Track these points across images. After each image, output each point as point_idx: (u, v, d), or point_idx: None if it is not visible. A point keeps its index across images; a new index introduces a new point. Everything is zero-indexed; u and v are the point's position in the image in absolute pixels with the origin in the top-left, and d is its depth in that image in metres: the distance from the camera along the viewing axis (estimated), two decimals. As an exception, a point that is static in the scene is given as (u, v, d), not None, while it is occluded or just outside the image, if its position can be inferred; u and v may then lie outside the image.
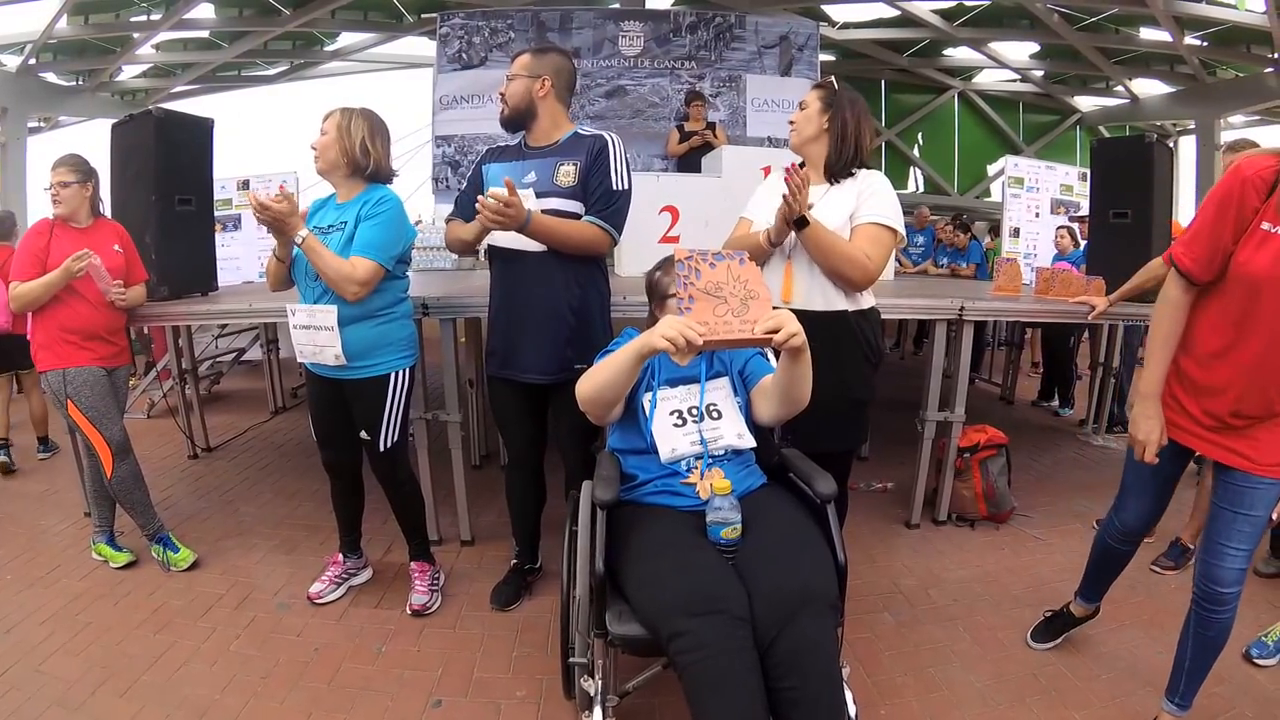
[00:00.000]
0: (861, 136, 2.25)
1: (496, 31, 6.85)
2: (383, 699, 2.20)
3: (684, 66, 6.97)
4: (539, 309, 2.41)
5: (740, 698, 1.42)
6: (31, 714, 2.15)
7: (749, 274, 1.57)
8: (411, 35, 11.07)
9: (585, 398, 1.80)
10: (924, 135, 13.37)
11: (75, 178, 2.89)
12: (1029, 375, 6.68)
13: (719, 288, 1.55)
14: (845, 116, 2.23)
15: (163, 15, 9.06)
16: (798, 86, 6.90)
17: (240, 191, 4.87)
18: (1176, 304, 1.79)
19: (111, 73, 11.01)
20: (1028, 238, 5.65)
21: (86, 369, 2.85)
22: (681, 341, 1.50)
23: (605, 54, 6.93)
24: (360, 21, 10.58)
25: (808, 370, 1.68)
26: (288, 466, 4.44)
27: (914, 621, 2.61)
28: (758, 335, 1.54)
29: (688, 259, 1.55)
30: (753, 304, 1.56)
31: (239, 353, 6.72)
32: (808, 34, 7.09)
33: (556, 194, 2.35)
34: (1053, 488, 3.92)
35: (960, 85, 12.96)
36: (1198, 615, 1.86)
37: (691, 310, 1.53)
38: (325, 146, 2.37)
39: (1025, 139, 13.38)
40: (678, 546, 1.65)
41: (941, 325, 3.19)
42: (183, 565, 2.99)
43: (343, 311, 2.33)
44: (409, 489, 2.71)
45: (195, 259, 3.65)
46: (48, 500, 3.88)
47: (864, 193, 2.21)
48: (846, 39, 11.02)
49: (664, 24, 7.00)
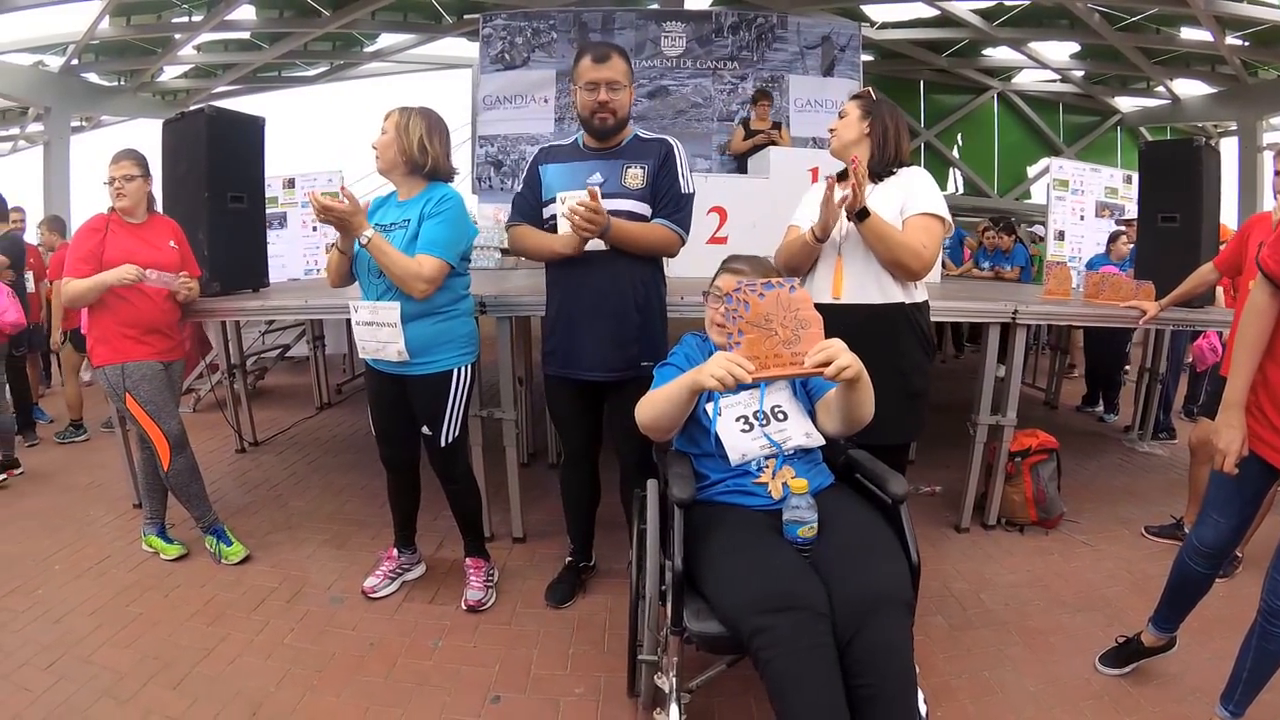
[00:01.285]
0: (900, 138, 2.35)
1: (539, 32, 6.90)
2: (440, 694, 2.20)
3: (726, 67, 6.98)
4: (606, 308, 2.41)
5: (823, 692, 1.43)
6: (81, 705, 2.17)
7: (800, 302, 1.57)
8: (450, 36, 11.15)
9: (644, 424, 1.82)
10: (963, 136, 13.25)
11: (139, 171, 2.93)
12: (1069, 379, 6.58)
13: (768, 319, 1.54)
14: (885, 120, 2.33)
15: (204, 16, 9.21)
16: (840, 87, 6.90)
17: (286, 190, 4.95)
18: (1263, 310, 1.74)
19: (153, 73, 11.21)
20: (1073, 241, 5.57)
21: (145, 363, 2.89)
22: (730, 381, 1.52)
23: (647, 54, 6.96)
24: (400, 23, 10.67)
25: (867, 395, 1.67)
26: (334, 462, 4.47)
27: (966, 625, 2.58)
28: (808, 369, 1.54)
29: (736, 291, 1.56)
30: (804, 334, 1.56)
31: (284, 349, 6.81)
32: (849, 34, 7.07)
33: (626, 195, 2.36)
34: (1098, 494, 3.86)
35: (1000, 86, 12.83)
36: (1263, 629, 1.82)
37: (741, 344, 1.53)
38: (385, 145, 2.38)
39: (1065, 140, 13.21)
40: (756, 545, 1.65)
41: (994, 328, 3.15)
42: (235, 559, 3.02)
43: (406, 308, 2.34)
44: (467, 485, 2.72)
45: (247, 255, 3.70)
46: (93, 492, 3.94)
47: (909, 187, 2.29)
48: (885, 39, 10.95)
49: (705, 24, 7.01)
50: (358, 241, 2.28)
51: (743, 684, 2.12)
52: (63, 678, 2.29)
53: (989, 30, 10.24)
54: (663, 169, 2.37)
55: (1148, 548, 3.20)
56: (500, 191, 6.84)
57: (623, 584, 2.73)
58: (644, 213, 2.38)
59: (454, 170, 2.51)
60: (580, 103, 2.38)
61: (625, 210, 2.35)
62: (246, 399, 4.88)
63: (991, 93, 12.91)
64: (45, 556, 3.14)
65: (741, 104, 7.01)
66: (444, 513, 2.82)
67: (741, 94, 7.04)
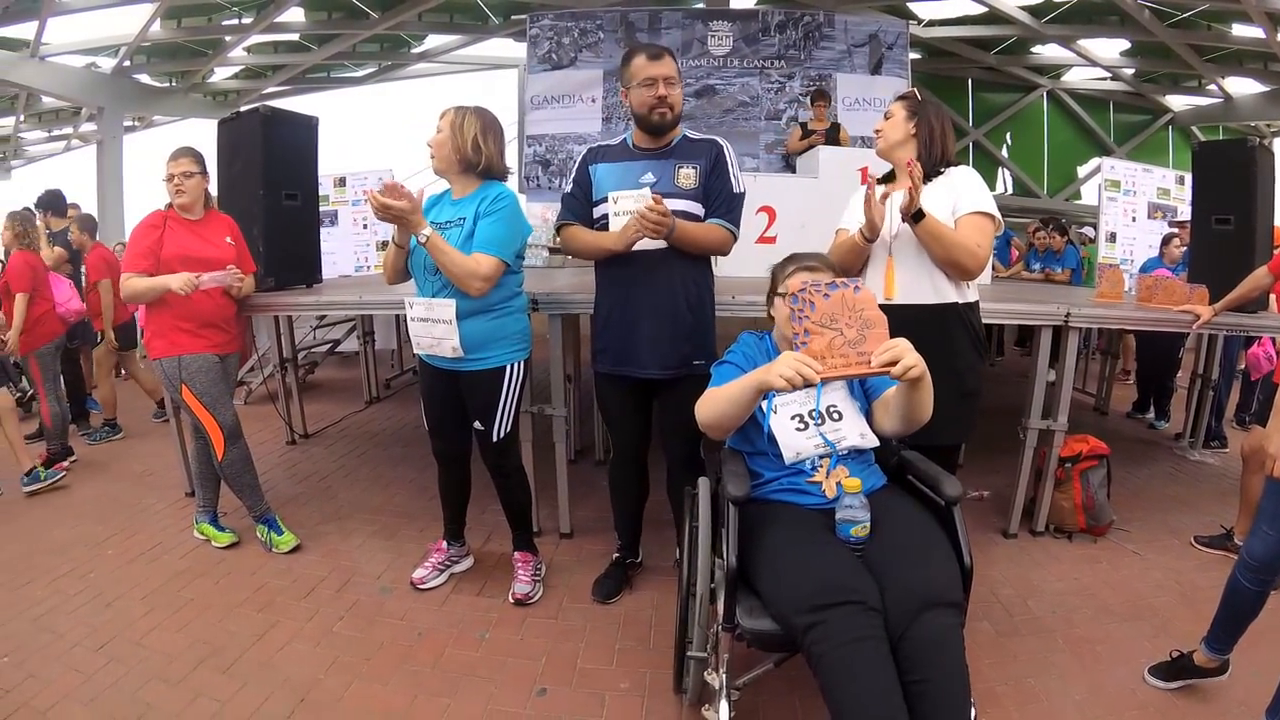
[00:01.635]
0: (946, 138, 2.37)
1: (586, 32, 6.95)
2: (487, 685, 2.23)
3: (773, 66, 6.96)
4: (659, 307, 2.43)
5: (877, 684, 1.43)
6: (131, 687, 2.23)
7: (864, 302, 1.57)
8: (497, 37, 11.21)
9: (705, 422, 1.83)
10: (1012, 135, 12.99)
11: (197, 168, 3.01)
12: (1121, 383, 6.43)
13: (834, 319, 1.55)
14: (930, 120, 2.35)
15: (254, 19, 9.40)
16: (888, 85, 6.84)
17: (337, 188, 5.05)
18: None
19: (204, 74, 11.48)
20: (1124, 242, 5.45)
21: (201, 355, 2.97)
22: (800, 381, 1.52)
23: (694, 54, 6.97)
24: (446, 24, 10.77)
25: (928, 395, 1.68)
26: (383, 455, 4.54)
27: (1012, 631, 2.55)
28: (874, 369, 1.55)
29: (801, 292, 1.57)
30: (869, 334, 1.56)
31: (334, 343, 6.94)
32: (897, 32, 7.01)
33: (679, 195, 2.38)
34: (1148, 502, 3.78)
35: (1049, 84, 12.56)
36: None
37: (808, 344, 1.54)
38: (439, 144, 2.42)
39: (1116, 139, 12.88)
40: (809, 543, 1.66)
41: (1046, 331, 3.10)
42: (285, 548, 3.09)
43: (461, 305, 2.37)
44: (517, 479, 2.74)
45: (300, 252, 3.77)
46: (147, 480, 4.05)
47: (958, 186, 2.30)
48: (933, 37, 10.78)
49: (752, 23, 7.00)
50: (415, 239, 2.32)
51: (789, 684, 2.13)
52: (113, 660, 2.36)
53: (1037, 27, 10.04)
54: (714, 170, 2.40)
55: (1197, 558, 3.13)
56: (548, 190, 6.92)
57: (669, 581, 2.75)
58: (697, 212, 2.41)
59: (508, 169, 2.54)
60: (638, 100, 2.39)
61: (680, 210, 2.36)
62: (298, 392, 4.97)
63: (1040, 91, 12.63)
64: (98, 542, 3.24)
65: (789, 103, 6.99)
66: (492, 506, 2.85)
67: (789, 93, 7.02)
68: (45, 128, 14.76)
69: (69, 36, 9.74)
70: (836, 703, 1.44)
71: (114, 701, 2.16)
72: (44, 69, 9.84)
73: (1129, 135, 12.99)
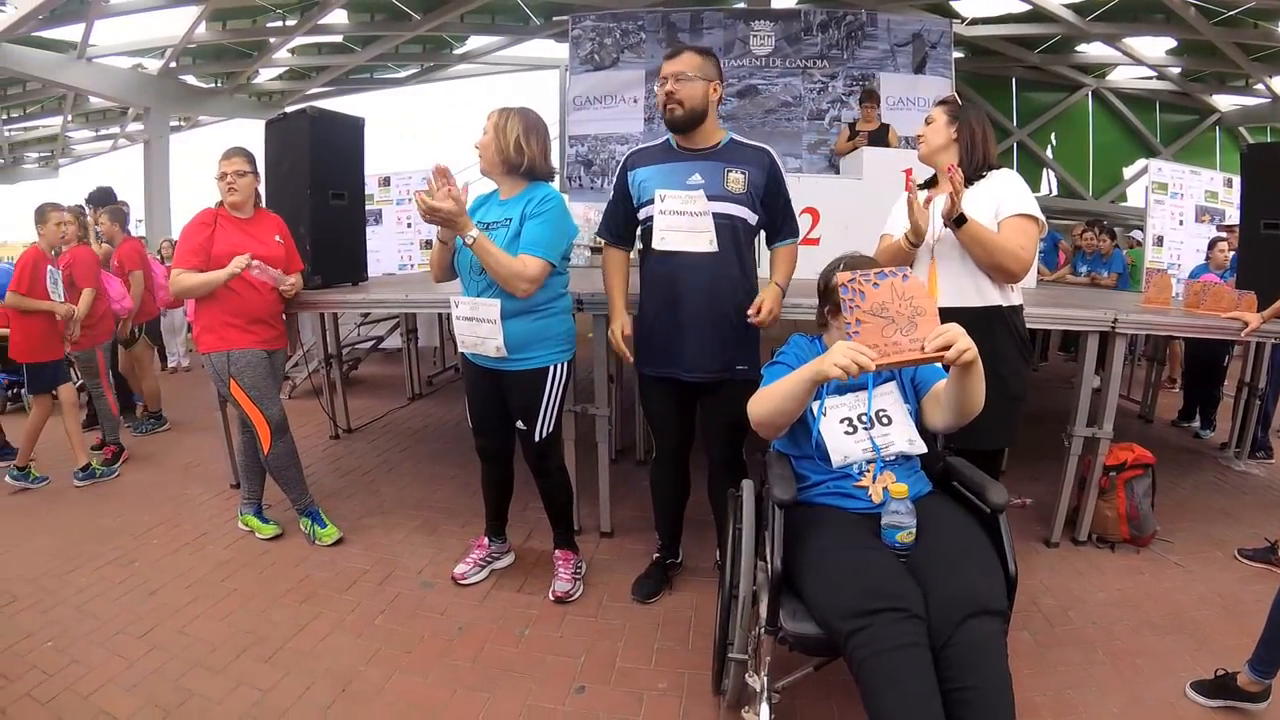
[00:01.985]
0: (988, 142, 2.38)
1: (628, 33, 6.97)
2: (526, 681, 2.26)
3: (816, 65, 6.91)
4: (706, 311, 2.43)
5: (918, 691, 1.43)
6: (174, 674, 2.28)
7: (913, 290, 1.58)
8: (538, 37, 11.32)
9: (758, 420, 1.83)
10: (1056, 135, 12.76)
11: (249, 168, 3.07)
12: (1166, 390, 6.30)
13: (884, 308, 1.56)
14: (972, 124, 2.36)
15: (297, 20, 9.58)
16: (931, 85, 6.78)
17: (381, 188, 5.13)
18: None
19: (249, 75, 11.73)
20: (1171, 246, 5.33)
21: (250, 350, 3.03)
22: (855, 369, 1.53)
23: (736, 54, 6.94)
24: (488, 25, 10.89)
25: (980, 382, 1.67)
26: (425, 451, 4.61)
27: (1053, 642, 2.52)
28: (929, 354, 1.55)
29: (850, 282, 1.57)
30: (920, 321, 1.56)
31: (378, 340, 7.05)
32: (940, 31, 6.92)
33: (728, 199, 2.39)
34: (1193, 513, 3.70)
35: (1094, 83, 12.33)
36: None
37: (860, 334, 1.54)
38: (485, 146, 2.44)
39: (1162, 140, 12.62)
40: (854, 547, 1.66)
41: (1093, 337, 3.05)
42: (328, 540, 3.15)
43: (505, 305, 2.40)
44: (559, 479, 2.76)
45: (347, 250, 3.84)
46: (193, 472, 4.15)
47: (1000, 189, 2.31)
48: (976, 35, 10.64)
49: (794, 23, 6.96)
50: (461, 240, 2.35)
51: (826, 688, 2.12)
52: (156, 647, 2.42)
53: (1082, 25, 9.87)
54: (771, 182, 2.43)
55: (1241, 571, 3.06)
56: (590, 190, 6.95)
57: (709, 582, 2.74)
58: (746, 217, 2.41)
59: (554, 170, 2.55)
60: (657, 100, 2.44)
61: (729, 214, 2.38)
62: (342, 388, 5.06)
63: (1085, 90, 12.40)
64: (144, 531, 3.33)
65: (831, 102, 6.94)
66: (534, 504, 2.88)
67: (831, 92, 6.98)
68: (93, 127, 15.21)
69: (116, 39, 10.00)
70: (876, 708, 1.44)
71: (156, 687, 2.22)
72: (91, 70, 10.12)
73: (1176, 136, 12.70)
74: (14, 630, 2.53)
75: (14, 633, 2.51)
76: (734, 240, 2.42)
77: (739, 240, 2.43)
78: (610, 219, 2.62)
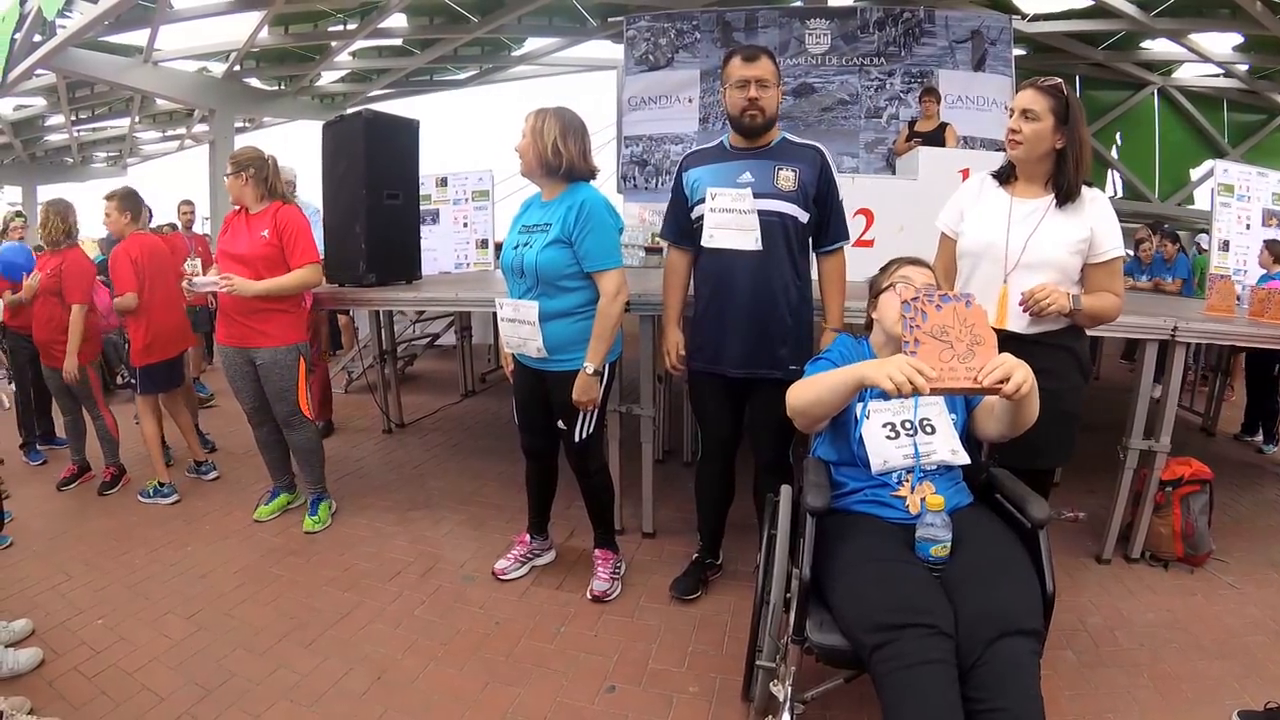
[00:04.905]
0: (1089, 150, 2.07)
1: (682, 33, 6.98)
2: (558, 678, 2.29)
3: (873, 63, 6.82)
4: (758, 308, 2.43)
5: (938, 710, 1.40)
6: (217, 654, 2.38)
7: (975, 317, 1.55)
8: (595, 39, 11.32)
9: (796, 409, 1.82)
10: (1122, 135, 12.27)
11: (230, 169, 3.16)
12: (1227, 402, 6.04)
13: (945, 331, 1.54)
14: (1080, 133, 2.03)
15: (358, 25, 9.76)
16: (991, 83, 6.66)
17: (439, 188, 5.24)
18: None
19: (311, 78, 12.03)
20: (1238, 252, 5.10)
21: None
22: (909, 387, 1.50)
23: (792, 52, 6.90)
24: (545, 26, 10.93)
25: (1035, 403, 1.65)
26: (476, 447, 4.68)
27: (1097, 663, 2.45)
28: (985, 385, 1.52)
29: (914, 300, 1.56)
30: (979, 350, 1.54)
31: (433, 337, 7.19)
32: (1000, 27, 6.76)
33: (778, 196, 2.39)
34: (1251, 532, 3.55)
35: (1160, 81, 11.79)
36: None
37: (917, 354, 1.53)
38: (524, 150, 2.45)
39: (1230, 140, 12.01)
40: (885, 559, 1.63)
41: (1152, 346, 2.94)
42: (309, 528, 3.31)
43: (544, 307, 2.43)
44: (600, 480, 2.78)
45: (401, 249, 3.91)
46: (248, 461, 4.21)
47: (1094, 219, 2.08)
48: (1037, 32, 10.31)
49: (850, 21, 6.88)
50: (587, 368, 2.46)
51: (858, 700, 2.10)
52: (202, 628, 2.52)
53: (1146, 21, 9.48)
54: (821, 179, 2.41)
55: (1296, 596, 2.93)
56: (645, 190, 6.99)
57: (748, 587, 2.71)
58: (798, 215, 2.41)
59: (594, 169, 2.53)
60: (730, 101, 2.41)
61: (778, 211, 2.38)
62: (396, 384, 5.17)
63: (1151, 89, 11.88)
64: (197, 517, 3.47)
65: (889, 100, 6.85)
66: (577, 502, 2.90)
67: (889, 90, 6.88)
68: (159, 128, 15.78)
69: (181, 43, 10.34)
70: None
71: (199, 667, 2.31)
72: (157, 73, 10.48)
73: (1244, 136, 12.10)
74: (67, 607, 2.66)
75: (66, 609, 2.64)
76: (784, 238, 2.42)
77: (790, 238, 2.42)
78: (670, 220, 2.65)
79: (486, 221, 5.31)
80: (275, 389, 3.20)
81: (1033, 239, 2.09)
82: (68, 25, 7.97)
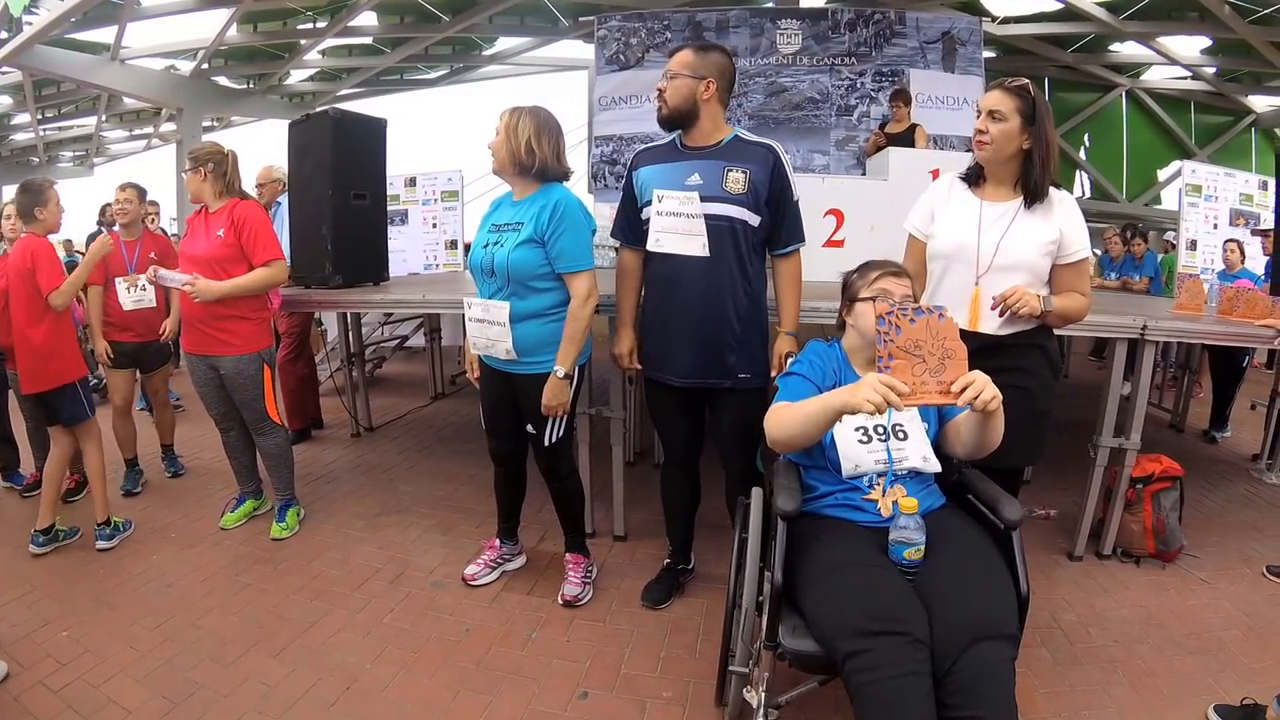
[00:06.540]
0: (1055, 152, 2.07)
1: (654, 33, 6.94)
2: (530, 685, 2.25)
3: (844, 63, 6.84)
4: (703, 315, 2.36)
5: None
6: (184, 666, 2.31)
7: (947, 331, 1.56)
8: (567, 38, 11.35)
9: (776, 440, 1.78)
10: (1090, 136, 12.51)
11: (188, 165, 3.09)
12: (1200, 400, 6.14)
13: (918, 346, 1.54)
14: (1047, 133, 2.03)
15: (328, 23, 9.68)
16: (962, 83, 6.70)
17: (407, 188, 5.18)
18: None
19: (280, 77, 11.90)
20: (1205, 251, 5.19)
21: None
22: (884, 406, 1.50)
23: (763, 53, 6.90)
24: (517, 26, 10.90)
25: (1000, 424, 1.65)
26: (446, 450, 4.63)
27: (1072, 660, 2.46)
28: (953, 399, 1.54)
29: (888, 314, 1.55)
30: (949, 363, 1.55)
31: (402, 339, 7.09)
32: (970, 29, 6.81)
33: (726, 200, 2.30)
34: (1222, 527, 3.60)
35: (1128, 83, 12.07)
36: None
37: (891, 369, 1.53)
38: (496, 147, 2.41)
39: (1197, 141, 12.32)
40: (858, 564, 1.61)
41: (1121, 344, 2.97)
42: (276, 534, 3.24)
43: (515, 308, 2.38)
44: (570, 483, 2.74)
45: (368, 250, 3.84)
46: (215, 467, 4.12)
47: (1062, 220, 2.09)
48: (1007, 34, 10.47)
49: (822, 22, 6.89)
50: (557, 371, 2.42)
51: (833, 704, 2.09)
52: (169, 639, 2.46)
53: (1115, 24, 9.66)
54: (774, 180, 2.31)
55: (1269, 589, 2.97)
56: (615, 190, 6.89)
57: (721, 590, 2.69)
58: (747, 219, 2.32)
59: (567, 170, 2.49)
60: None
61: (727, 215, 2.30)
62: (364, 386, 5.10)
63: (1119, 90, 12.14)
64: (162, 525, 3.38)
65: (860, 98, 6.88)
66: (548, 506, 2.86)
67: (860, 89, 6.90)
68: (126, 127, 15.54)
69: (148, 41, 10.18)
70: None
71: (166, 679, 2.25)
72: (124, 71, 10.31)
73: (1211, 137, 12.42)
74: (32, 618, 2.58)
75: (32, 621, 2.56)
76: (734, 243, 2.32)
77: (739, 243, 2.33)
78: (622, 219, 2.56)
79: (456, 222, 5.27)
80: (241, 398, 3.14)
81: (1004, 242, 2.09)
82: (34, 22, 7.82)
